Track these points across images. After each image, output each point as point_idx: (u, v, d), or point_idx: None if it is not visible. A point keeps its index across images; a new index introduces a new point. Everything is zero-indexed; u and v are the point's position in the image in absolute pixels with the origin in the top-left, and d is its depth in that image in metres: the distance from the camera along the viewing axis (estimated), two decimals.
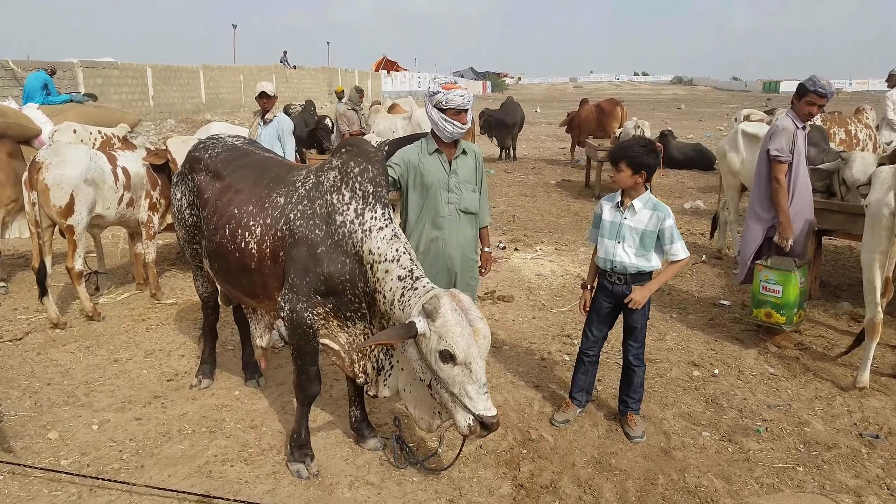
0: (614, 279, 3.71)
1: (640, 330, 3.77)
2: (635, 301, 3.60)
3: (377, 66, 51.75)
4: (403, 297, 3.00)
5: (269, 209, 3.39)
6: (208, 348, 4.42)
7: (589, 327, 3.90)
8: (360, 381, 3.41)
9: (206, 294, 4.26)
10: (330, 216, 3.20)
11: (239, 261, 3.48)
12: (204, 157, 3.87)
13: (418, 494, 3.29)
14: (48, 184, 5.11)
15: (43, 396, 4.22)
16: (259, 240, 3.38)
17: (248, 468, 3.49)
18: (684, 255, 3.57)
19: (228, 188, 3.64)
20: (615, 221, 3.66)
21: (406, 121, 10.58)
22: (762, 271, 4.84)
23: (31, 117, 7.48)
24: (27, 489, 3.28)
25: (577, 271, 7.03)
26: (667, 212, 3.58)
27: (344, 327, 3.33)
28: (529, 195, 11.70)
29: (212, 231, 3.64)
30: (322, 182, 3.29)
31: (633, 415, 3.85)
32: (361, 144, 3.40)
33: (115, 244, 7.71)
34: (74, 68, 19.56)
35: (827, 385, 4.41)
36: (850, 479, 3.40)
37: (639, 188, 3.61)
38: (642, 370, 3.84)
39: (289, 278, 3.24)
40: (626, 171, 3.55)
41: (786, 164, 4.73)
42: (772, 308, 4.79)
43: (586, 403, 4.03)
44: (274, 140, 6.66)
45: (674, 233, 3.55)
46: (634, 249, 3.61)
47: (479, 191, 3.91)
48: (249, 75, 29.79)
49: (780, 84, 61.92)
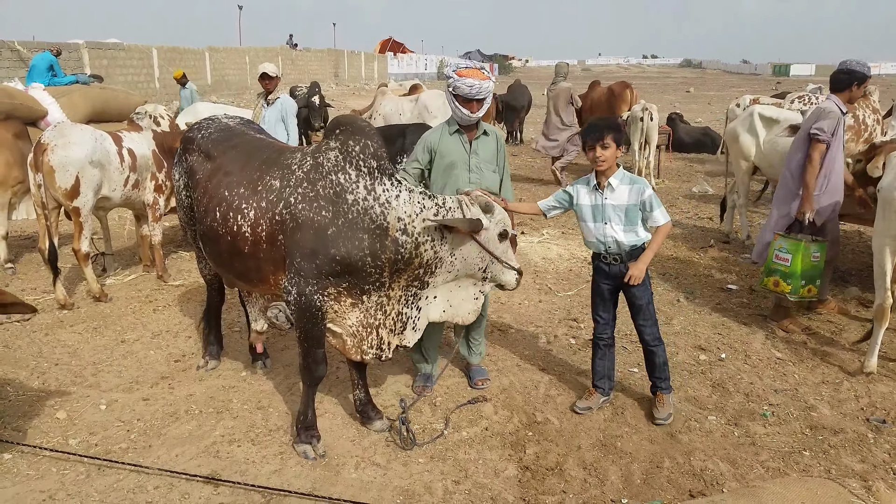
0: (609, 260, 3.72)
1: (646, 307, 3.76)
2: (635, 277, 3.61)
3: (383, 48, 51.45)
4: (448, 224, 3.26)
5: (264, 192, 3.33)
6: (214, 330, 4.42)
7: (596, 312, 3.90)
8: (368, 358, 3.43)
9: (209, 276, 4.23)
10: (338, 196, 3.18)
11: (231, 244, 3.44)
12: (196, 137, 3.81)
13: (424, 475, 3.30)
14: (53, 165, 5.10)
15: (51, 377, 4.24)
16: (253, 223, 3.33)
17: (255, 448, 3.51)
18: (664, 219, 3.59)
19: (218, 170, 3.58)
20: (596, 204, 3.67)
21: (413, 103, 10.50)
22: (777, 240, 4.84)
23: (38, 98, 7.47)
24: (35, 468, 3.31)
25: (583, 255, 7.00)
26: (643, 182, 3.62)
27: (358, 303, 3.33)
28: (536, 178, 11.65)
29: (202, 213, 3.59)
30: (322, 163, 3.26)
31: (661, 394, 3.85)
32: (356, 122, 3.39)
33: (122, 226, 7.72)
34: (80, 49, 19.51)
35: (834, 370, 4.39)
36: (857, 463, 3.40)
37: (613, 165, 3.63)
38: (661, 349, 3.83)
39: (294, 262, 3.22)
40: (612, 145, 3.56)
41: (824, 144, 4.75)
42: (780, 277, 4.75)
43: (610, 391, 3.99)
44: (277, 121, 6.62)
45: (653, 201, 3.57)
46: (622, 226, 3.63)
47: (501, 172, 3.94)
48: (255, 57, 29.66)
49: (791, 67, 61.30)
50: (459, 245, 3.32)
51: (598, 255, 3.78)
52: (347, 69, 41.06)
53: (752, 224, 8.05)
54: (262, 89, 6.83)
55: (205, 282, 4.36)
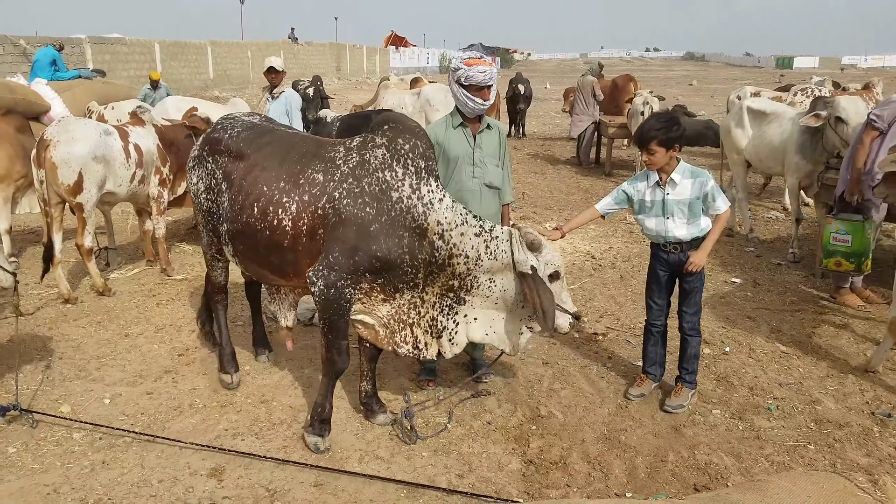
0: (669, 249, 3.72)
1: (696, 294, 3.77)
2: (695, 264, 3.62)
3: (386, 42, 51.32)
4: (489, 248, 3.31)
5: (307, 186, 3.31)
6: (227, 339, 4.17)
7: (651, 297, 3.91)
8: (402, 351, 3.46)
9: (222, 281, 4.09)
10: (384, 193, 3.21)
11: (270, 239, 3.40)
12: (224, 137, 3.70)
13: (428, 469, 3.30)
14: (56, 161, 5.09)
15: (55, 370, 4.25)
16: (295, 217, 3.32)
17: (258, 442, 3.51)
18: (725, 206, 3.61)
19: (254, 166, 3.52)
20: (657, 199, 3.65)
21: (415, 96, 10.49)
22: (832, 223, 5.13)
23: (41, 93, 7.46)
24: (40, 462, 3.32)
25: (587, 249, 7.00)
26: (706, 175, 3.62)
27: (390, 299, 3.36)
28: (539, 172, 11.63)
29: (237, 212, 3.52)
30: (368, 160, 3.27)
31: (681, 386, 3.86)
32: (405, 121, 3.41)
33: (125, 220, 7.72)
34: (83, 44, 19.46)
35: (839, 364, 4.38)
36: (862, 457, 3.39)
37: (673, 162, 3.61)
38: (697, 340, 3.84)
39: (329, 255, 3.21)
40: (660, 150, 3.54)
41: (877, 131, 4.96)
42: (841, 257, 5.09)
43: (661, 378, 4.02)
44: (282, 115, 6.61)
45: (716, 191, 3.58)
46: (686, 220, 3.62)
47: (503, 164, 3.93)
48: (257, 51, 29.58)
49: (794, 60, 60.96)
50: (499, 274, 3.35)
51: (656, 244, 3.78)
52: (349, 63, 40.95)
53: (755, 218, 8.02)
54: (267, 83, 6.83)
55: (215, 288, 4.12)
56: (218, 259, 3.96)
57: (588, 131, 11.92)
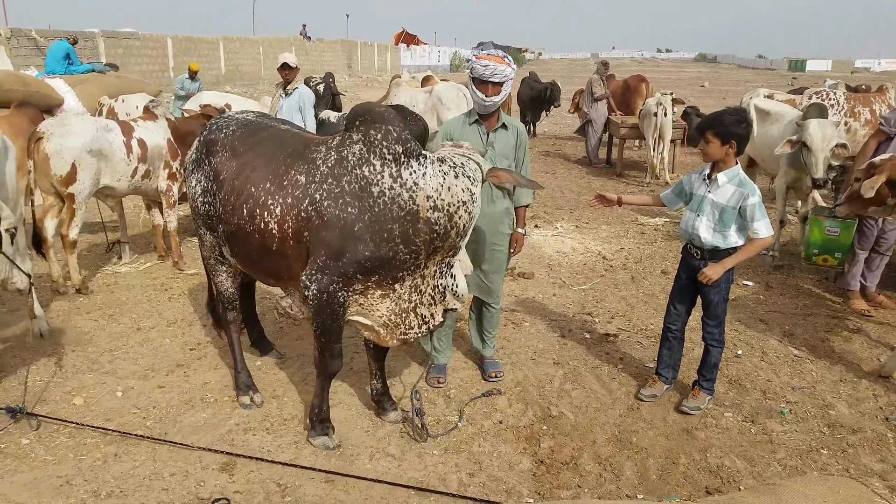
0: (693, 252, 3.68)
1: (715, 307, 3.69)
2: (706, 276, 3.56)
3: (397, 40, 51.34)
4: (471, 178, 3.15)
5: (290, 188, 3.24)
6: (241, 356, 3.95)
7: (672, 301, 3.88)
8: (410, 337, 3.38)
9: (231, 291, 3.88)
10: (364, 190, 3.09)
11: (259, 242, 3.34)
12: (220, 137, 3.58)
13: (438, 467, 3.30)
14: (48, 153, 5.12)
15: (67, 363, 4.27)
16: (280, 220, 3.24)
17: (269, 437, 3.51)
18: (767, 233, 3.46)
19: (245, 166, 3.44)
20: (699, 194, 3.61)
21: (427, 94, 10.47)
22: (823, 221, 5.30)
23: (54, 87, 7.50)
24: (53, 453, 3.33)
25: (598, 249, 6.97)
26: (752, 189, 3.47)
27: (389, 293, 3.26)
28: (550, 172, 11.60)
29: (229, 213, 3.45)
30: (346, 157, 3.17)
31: (698, 389, 3.84)
32: (373, 109, 3.29)
33: (137, 214, 7.75)
34: (96, 38, 19.58)
35: (852, 368, 4.35)
36: (876, 463, 3.36)
37: (729, 160, 3.52)
38: (718, 351, 3.78)
39: (317, 260, 3.13)
40: (715, 141, 3.46)
41: (883, 134, 5.03)
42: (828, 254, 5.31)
43: (672, 381, 4.00)
44: (294, 111, 6.64)
45: (756, 210, 3.44)
46: (712, 224, 3.55)
47: (520, 169, 3.84)
48: (269, 47, 29.67)
49: (807, 63, 60.56)
50: None
51: (685, 246, 3.76)
52: (360, 60, 41.00)
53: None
54: (281, 79, 6.84)
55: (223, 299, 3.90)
56: (221, 263, 3.81)
57: (588, 131, 12.06)
